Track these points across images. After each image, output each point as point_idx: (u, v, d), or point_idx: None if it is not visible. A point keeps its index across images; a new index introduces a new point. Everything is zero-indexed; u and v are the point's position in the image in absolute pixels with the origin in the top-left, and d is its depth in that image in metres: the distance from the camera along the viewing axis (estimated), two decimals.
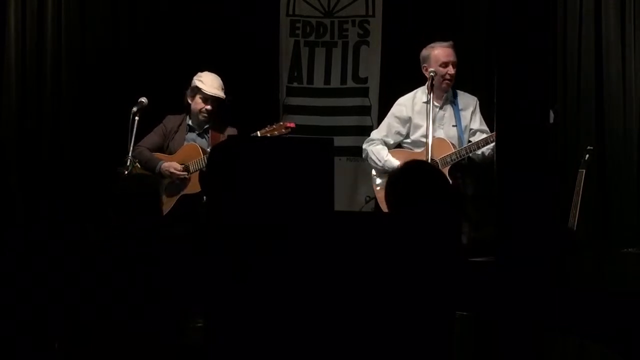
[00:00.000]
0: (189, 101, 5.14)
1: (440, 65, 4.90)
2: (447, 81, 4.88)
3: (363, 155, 5.17)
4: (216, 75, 5.14)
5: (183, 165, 5.01)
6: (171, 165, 5.02)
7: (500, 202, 2.60)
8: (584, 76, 5.54)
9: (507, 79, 2.51)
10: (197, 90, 5.08)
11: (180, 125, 5.18)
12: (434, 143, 4.75)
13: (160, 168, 5.02)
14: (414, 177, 2.98)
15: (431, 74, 4.86)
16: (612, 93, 5.48)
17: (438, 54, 4.92)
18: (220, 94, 5.10)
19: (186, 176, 5.00)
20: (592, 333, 2.75)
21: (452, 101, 4.98)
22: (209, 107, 5.08)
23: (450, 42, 4.96)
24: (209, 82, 5.09)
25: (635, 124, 5.43)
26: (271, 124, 4.92)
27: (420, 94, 5.04)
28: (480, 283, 2.79)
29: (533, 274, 2.59)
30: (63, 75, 5.78)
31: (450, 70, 4.88)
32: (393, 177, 3.10)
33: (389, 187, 3.03)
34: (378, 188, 5.10)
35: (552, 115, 4.42)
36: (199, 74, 5.13)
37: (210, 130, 5.15)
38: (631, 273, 3.32)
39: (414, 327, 2.54)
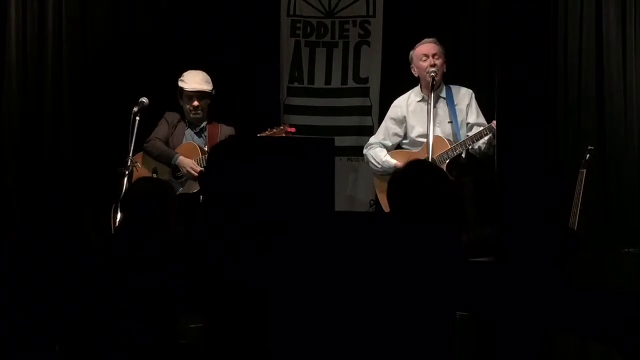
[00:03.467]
0: (180, 103, 5.19)
1: (421, 60, 4.95)
2: (430, 73, 4.89)
3: (365, 161, 5.24)
4: (199, 71, 5.20)
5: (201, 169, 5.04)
6: (190, 162, 5.03)
7: (500, 202, 2.60)
8: (584, 76, 5.53)
9: (507, 79, 2.51)
10: (181, 90, 5.13)
11: (179, 121, 5.22)
12: (432, 141, 4.78)
13: (177, 161, 5.05)
14: (415, 175, 2.98)
15: (432, 74, 4.88)
16: (612, 93, 5.46)
17: (418, 51, 5.01)
18: (203, 87, 5.14)
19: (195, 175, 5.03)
20: (593, 332, 2.75)
21: (446, 97, 5.00)
22: (195, 103, 5.12)
23: (432, 39, 5.03)
24: (190, 80, 5.15)
25: (636, 124, 5.42)
26: (272, 128, 4.94)
27: (414, 95, 5.09)
28: (480, 283, 2.79)
29: (533, 274, 2.59)
30: (64, 76, 5.77)
31: (431, 61, 4.91)
32: (395, 175, 3.10)
33: (391, 186, 3.03)
34: (379, 192, 5.13)
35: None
36: (183, 74, 5.20)
37: (207, 129, 5.17)
38: (632, 273, 3.32)
39: (414, 328, 2.54)
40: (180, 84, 5.15)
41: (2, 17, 5.65)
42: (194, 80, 5.14)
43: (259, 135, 4.90)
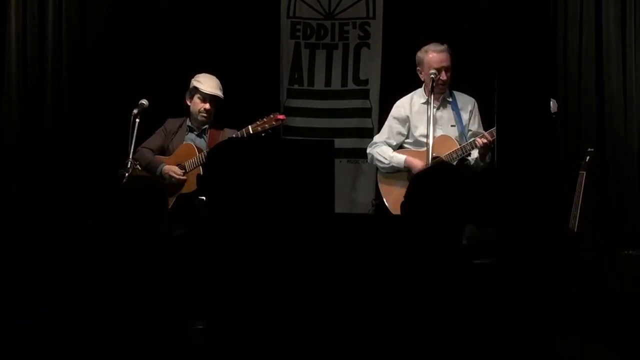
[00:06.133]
0: (188, 102, 5.22)
1: (430, 71, 4.93)
2: (440, 86, 4.91)
3: (368, 160, 5.26)
4: (213, 76, 5.24)
5: (183, 171, 5.06)
6: (171, 168, 5.07)
7: (500, 203, 2.59)
8: (584, 77, 5.54)
9: (507, 79, 2.51)
10: (196, 90, 5.17)
11: (180, 126, 5.26)
12: (438, 141, 4.80)
13: (161, 171, 5.08)
14: (443, 177, 2.96)
15: (432, 76, 4.89)
16: (612, 94, 5.47)
17: (431, 60, 4.96)
18: (219, 93, 5.19)
19: (184, 179, 5.06)
20: (593, 334, 2.75)
21: (450, 102, 5.01)
22: (207, 106, 5.17)
23: (445, 46, 5.00)
24: (206, 82, 5.18)
25: (636, 125, 5.43)
26: (262, 117, 4.98)
27: (417, 96, 5.10)
28: (479, 284, 2.79)
29: (533, 275, 2.58)
30: (64, 76, 5.79)
31: (443, 76, 4.91)
32: (421, 176, 3.08)
33: (416, 186, 3.00)
34: (384, 191, 5.14)
35: (554, 104, 4.45)
36: (197, 75, 5.23)
37: (208, 131, 5.21)
38: (632, 275, 3.31)
39: (413, 330, 2.54)
40: (196, 84, 5.18)
41: (2, 17, 5.67)
42: (211, 85, 5.19)
43: (250, 126, 4.97)
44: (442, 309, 2.59)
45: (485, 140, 4.69)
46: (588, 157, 5.04)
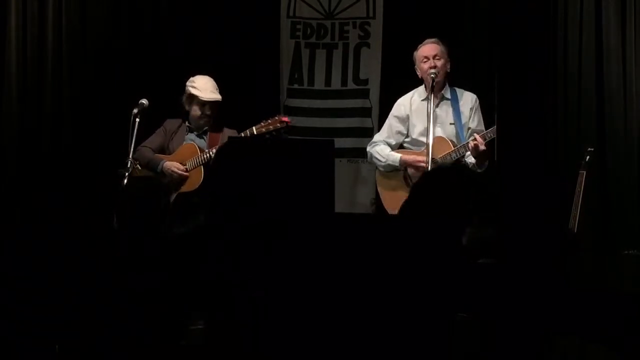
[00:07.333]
0: (187, 108, 5.18)
1: (422, 62, 4.97)
2: (430, 75, 4.90)
3: (367, 158, 5.26)
4: (209, 78, 5.20)
5: (185, 167, 5.05)
6: (173, 164, 5.06)
7: (501, 203, 2.60)
8: (584, 77, 5.53)
9: (507, 79, 2.52)
10: (193, 97, 5.12)
11: (179, 127, 5.23)
12: (434, 143, 4.78)
13: (162, 167, 5.07)
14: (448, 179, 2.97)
15: (432, 75, 4.89)
16: (612, 94, 5.46)
17: (420, 52, 5.02)
18: (217, 96, 5.14)
19: (187, 175, 5.05)
20: (593, 334, 2.75)
21: (450, 99, 5.01)
22: (208, 112, 5.13)
23: (435, 39, 5.02)
24: (203, 87, 5.13)
25: (635, 124, 5.41)
26: (266, 119, 4.96)
27: (418, 94, 5.11)
28: (480, 284, 2.79)
29: (533, 275, 2.59)
30: (64, 76, 5.78)
31: (431, 62, 4.92)
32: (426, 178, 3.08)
33: (420, 188, 2.99)
34: (381, 189, 5.15)
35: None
36: (191, 79, 5.19)
37: (208, 131, 5.18)
38: (632, 275, 3.31)
39: (413, 329, 2.54)
40: (193, 91, 5.13)
41: (2, 17, 5.66)
42: (208, 89, 5.13)
43: (254, 127, 4.94)
44: (442, 308, 2.59)
45: (475, 142, 4.66)
46: (588, 157, 5.03)
